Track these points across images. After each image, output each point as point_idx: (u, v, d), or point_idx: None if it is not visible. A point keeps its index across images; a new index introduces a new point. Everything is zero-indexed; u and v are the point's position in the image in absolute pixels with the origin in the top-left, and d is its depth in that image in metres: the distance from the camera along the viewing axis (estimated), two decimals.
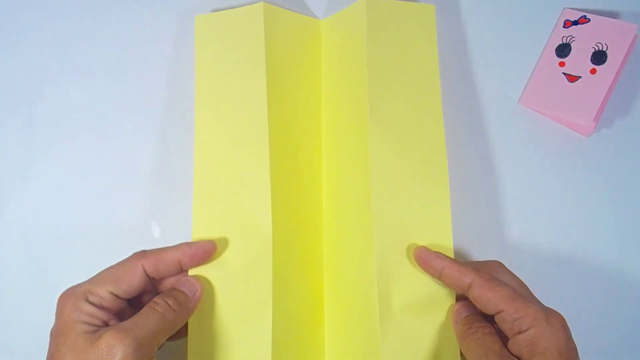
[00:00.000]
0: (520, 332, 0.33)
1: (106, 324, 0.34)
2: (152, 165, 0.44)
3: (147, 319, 0.33)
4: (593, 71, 0.42)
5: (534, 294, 0.35)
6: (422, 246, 0.37)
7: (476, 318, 0.36)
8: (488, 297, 0.33)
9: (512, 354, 0.33)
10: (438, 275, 0.36)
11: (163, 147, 0.44)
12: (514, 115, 0.44)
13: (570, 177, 0.44)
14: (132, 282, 0.35)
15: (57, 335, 0.33)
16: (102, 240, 0.43)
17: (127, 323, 0.33)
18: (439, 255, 0.36)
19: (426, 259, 0.36)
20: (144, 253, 0.36)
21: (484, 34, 0.45)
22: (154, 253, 0.36)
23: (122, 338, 0.31)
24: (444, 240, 0.37)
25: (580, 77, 0.43)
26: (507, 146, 0.44)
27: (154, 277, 0.36)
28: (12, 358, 0.42)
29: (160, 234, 0.43)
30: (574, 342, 0.33)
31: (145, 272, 0.35)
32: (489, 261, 0.37)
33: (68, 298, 0.34)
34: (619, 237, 0.43)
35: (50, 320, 0.42)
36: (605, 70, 0.42)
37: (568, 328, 0.33)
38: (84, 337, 0.32)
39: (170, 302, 0.35)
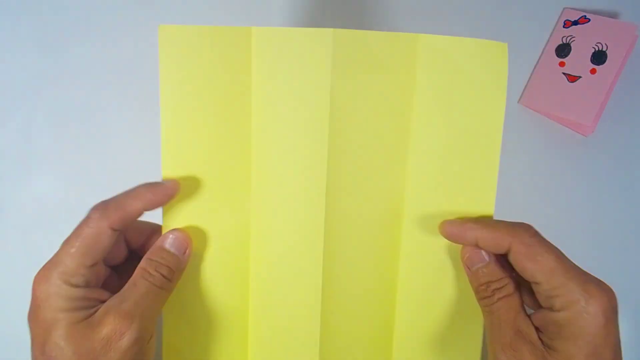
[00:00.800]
0: (551, 310, 0.29)
1: (98, 300, 0.30)
2: (152, 166, 0.44)
3: (146, 297, 0.30)
4: (593, 71, 0.42)
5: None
6: (446, 221, 0.34)
7: (492, 273, 0.32)
8: (525, 267, 0.30)
9: (533, 323, 0.30)
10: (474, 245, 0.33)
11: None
12: (514, 115, 0.44)
13: (570, 177, 0.44)
14: (105, 249, 0.31)
15: (44, 327, 0.29)
16: None
17: (127, 305, 0.29)
18: (468, 224, 0.33)
19: (456, 233, 0.33)
20: (105, 210, 0.31)
21: (484, 34, 0.45)
22: (118, 209, 0.32)
23: (128, 324, 0.29)
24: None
25: (580, 77, 0.43)
26: (507, 146, 0.44)
27: (122, 230, 0.32)
28: (13, 357, 0.42)
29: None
30: (614, 332, 0.30)
31: (113, 231, 0.31)
32: (520, 224, 0.33)
33: (44, 286, 0.30)
34: (619, 237, 0.43)
35: None
36: (605, 70, 0.42)
37: (611, 315, 0.29)
38: (79, 325, 0.29)
39: (163, 272, 0.31)
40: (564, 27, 0.44)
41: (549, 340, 0.29)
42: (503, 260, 0.32)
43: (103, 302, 0.30)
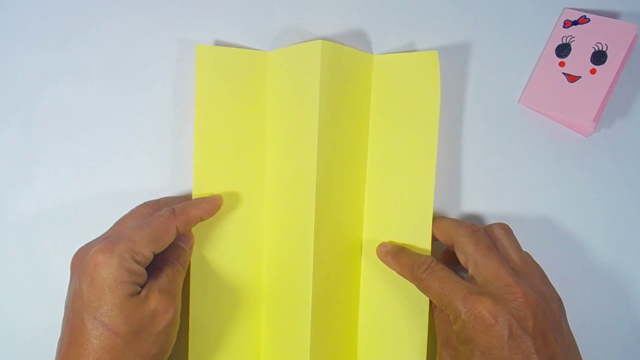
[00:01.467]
0: (450, 323, 0.36)
1: (143, 283, 0.35)
2: (152, 166, 0.44)
3: (175, 280, 0.36)
4: (593, 71, 0.42)
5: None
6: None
7: (412, 253, 0.39)
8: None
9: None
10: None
11: (163, 148, 0.44)
12: (514, 115, 0.44)
13: (570, 177, 0.44)
14: (167, 243, 0.36)
15: (100, 292, 0.33)
16: None
17: (166, 286, 0.35)
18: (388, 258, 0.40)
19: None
20: (173, 212, 0.37)
21: (484, 34, 0.45)
22: (183, 213, 0.37)
23: (171, 303, 0.35)
24: (422, 242, 0.41)
25: (580, 77, 0.43)
26: (507, 146, 0.44)
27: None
28: (13, 357, 0.42)
29: None
30: (505, 331, 0.32)
31: (176, 231, 0.37)
32: (493, 225, 0.39)
33: (109, 256, 0.33)
34: (619, 236, 0.43)
35: (50, 320, 0.43)
36: (605, 70, 0.42)
37: (500, 317, 0.33)
38: (132, 298, 0.33)
39: (182, 262, 0.38)
40: (564, 27, 0.44)
41: (459, 345, 0.35)
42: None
43: (144, 285, 0.35)
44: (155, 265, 0.36)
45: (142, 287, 0.34)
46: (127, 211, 0.43)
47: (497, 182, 0.44)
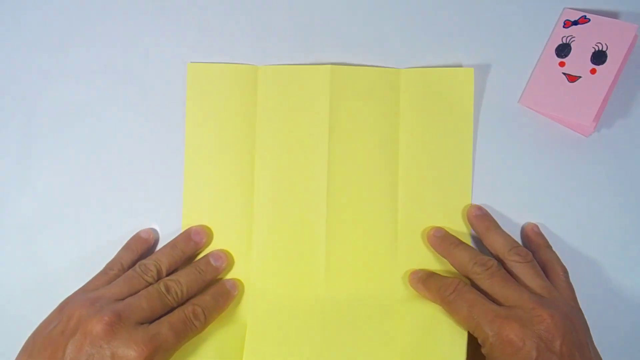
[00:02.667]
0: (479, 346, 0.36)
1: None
2: (152, 166, 0.44)
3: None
4: (593, 71, 0.42)
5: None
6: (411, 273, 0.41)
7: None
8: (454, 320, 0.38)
9: None
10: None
11: (163, 148, 0.44)
12: (514, 115, 0.44)
13: (570, 177, 0.44)
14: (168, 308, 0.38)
15: (84, 351, 0.33)
16: (102, 241, 0.43)
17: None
18: (418, 281, 0.41)
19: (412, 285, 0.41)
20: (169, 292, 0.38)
21: (484, 34, 0.45)
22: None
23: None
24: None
25: (580, 77, 0.43)
26: (507, 146, 0.44)
27: None
28: (13, 357, 0.42)
29: (160, 234, 0.43)
30: (534, 353, 0.33)
31: None
32: (507, 253, 0.39)
33: (117, 330, 0.33)
34: (619, 236, 0.43)
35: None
36: (605, 70, 0.42)
37: (527, 340, 0.33)
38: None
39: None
40: (564, 27, 0.44)
41: None
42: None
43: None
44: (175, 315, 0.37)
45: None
46: (126, 210, 0.43)
47: (497, 182, 0.44)
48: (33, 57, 0.45)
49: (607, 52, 0.42)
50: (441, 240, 0.41)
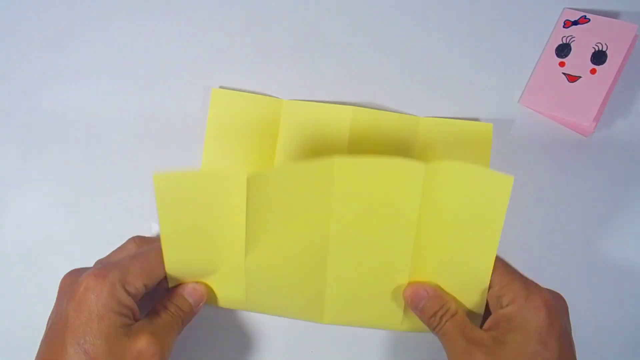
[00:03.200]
0: (501, 307, 0.33)
1: (134, 317, 0.33)
2: (152, 166, 0.44)
3: (171, 329, 0.34)
4: (593, 71, 0.42)
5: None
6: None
7: (435, 303, 0.35)
8: None
9: (490, 329, 0.33)
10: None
11: (163, 148, 0.44)
12: (514, 115, 0.44)
13: (570, 177, 0.44)
14: (159, 277, 0.35)
15: (87, 319, 0.31)
16: (102, 241, 0.43)
17: (159, 330, 0.33)
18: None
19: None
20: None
21: (484, 34, 0.45)
22: None
23: (160, 348, 0.32)
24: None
25: (580, 77, 0.43)
26: (507, 146, 0.44)
27: None
28: (13, 357, 0.42)
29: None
30: (561, 326, 0.32)
31: None
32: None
33: (101, 282, 0.32)
34: (619, 237, 0.43)
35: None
36: (605, 70, 0.42)
37: (554, 309, 0.32)
38: (118, 330, 0.31)
39: (182, 315, 0.36)
40: (564, 27, 0.44)
41: (500, 336, 0.32)
42: None
43: (136, 320, 0.33)
44: (154, 309, 0.35)
45: (132, 323, 0.33)
46: (126, 211, 0.43)
47: None
48: (33, 57, 0.45)
49: (607, 52, 0.42)
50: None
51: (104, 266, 0.33)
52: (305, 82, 0.44)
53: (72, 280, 0.33)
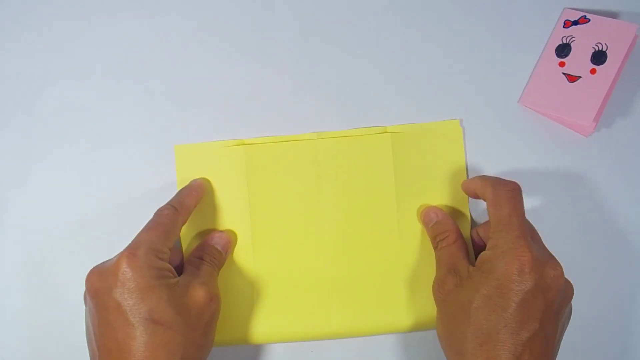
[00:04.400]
0: (485, 248, 0.36)
1: (173, 275, 0.36)
2: (152, 166, 0.44)
3: (212, 276, 0.38)
4: (593, 71, 0.42)
5: None
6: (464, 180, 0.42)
7: (439, 229, 0.40)
8: (488, 210, 0.37)
9: (474, 265, 0.36)
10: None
11: (163, 147, 0.44)
12: (514, 115, 0.44)
13: (570, 178, 0.44)
14: (177, 236, 0.38)
15: (142, 296, 0.33)
16: (102, 241, 0.43)
17: (206, 279, 0.37)
18: (474, 180, 0.40)
19: (465, 187, 0.41)
20: (174, 208, 0.38)
21: (484, 34, 0.45)
22: (183, 206, 0.39)
23: (215, 292, 0.37)
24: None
25: (580, 77, 0.43)
26: (507, 146, 0.44)
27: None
28: (12, 357, 0.42)
29: None
30: (535, 290, 0.33)
31: (182, 223, 0.39)
32: (507, 182, 0.38)
33: (135, 260, 0.34)
34: (619, 237, 0.43)
35: (49, 320, 0.42)
36: (605, 70, 0.42)
37: (534, 273, 0.33)
38: (173, 291, 0.34)
39: (216, 261, 0.40)
40: (564, 27, 0.44)
41: (474, 273, 0.35)
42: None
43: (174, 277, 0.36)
44: (190, 264, 0.39)
45: (177, 282, 0.35)
46: (126, 211, 0.43)
47: None
48: (33, 57, 0.45)
49: (607, 52, 0.42)
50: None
51: (130, 247, 0.35)
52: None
53: (101, 275, 0.34)
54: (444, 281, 0.37)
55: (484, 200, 0.37)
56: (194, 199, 0.40)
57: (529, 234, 0.35)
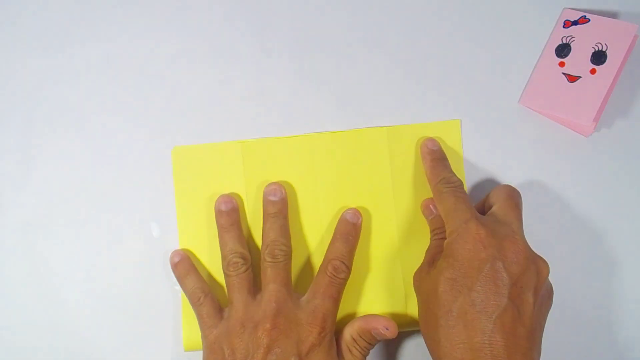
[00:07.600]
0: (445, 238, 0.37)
1: None
2: (152, 165, 0.44)
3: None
4: (593, 71, 0.42)
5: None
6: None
7: (435, 223, 0.41)
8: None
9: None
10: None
11: (163, 147, 0.44)
12: (514, 115, 0.44)
13: (570, 178, 0.44)
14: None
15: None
16: (102, 240, 0.43)
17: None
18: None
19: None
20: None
21: (484, 34, 0.45)
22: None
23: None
24: None
25: (580, 77, 0.43)
26: (507, 146, 0.44)
27: None
28: (13, 357, 0.42)
29: (160, 234, 0.43)
30: (495, 265, 0.34)
31: None
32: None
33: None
34: (619, 237, 0.43)
35: (49, 320, 0.42)
36: (605, 70, 0.42)
37: (489, 248, 0.34)
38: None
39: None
40: (564, 27, 0.44)
41: (440, 260, 0.36)
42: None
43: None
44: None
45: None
46: (126, 210, 0.43)
47: (497, 182, 0.44)
48: (33, 57, 0.45)
49: (607, 52, 0.42)
50: (431, 153, 0.42)
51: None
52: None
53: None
54: (420, 271, 0.38)
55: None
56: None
57: (488, 218, 0.37)
